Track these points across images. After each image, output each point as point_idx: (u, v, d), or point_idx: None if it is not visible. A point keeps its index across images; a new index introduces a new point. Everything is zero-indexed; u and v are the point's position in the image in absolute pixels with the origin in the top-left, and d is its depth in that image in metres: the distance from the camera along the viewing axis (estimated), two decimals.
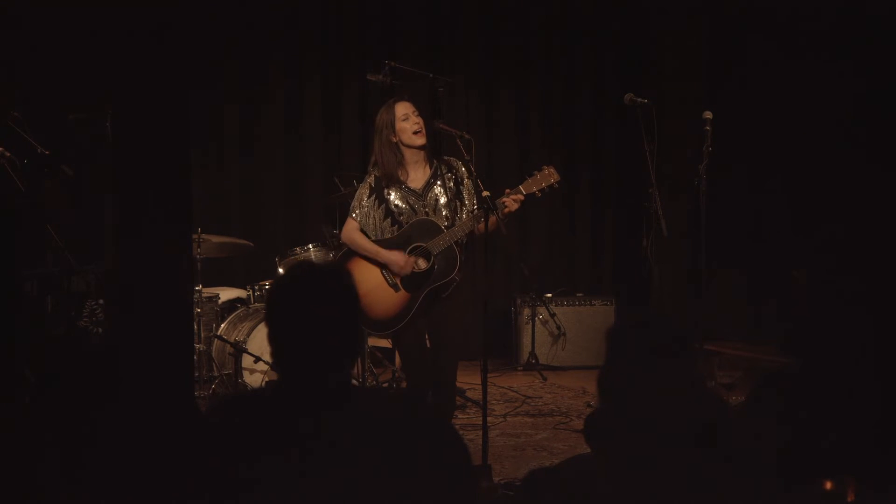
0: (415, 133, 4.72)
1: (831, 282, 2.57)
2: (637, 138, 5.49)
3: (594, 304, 7.25)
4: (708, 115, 5.50)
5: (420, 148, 4.76)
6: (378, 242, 4.75)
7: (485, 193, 4.55)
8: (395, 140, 4.75)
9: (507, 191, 4.67)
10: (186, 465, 2.16)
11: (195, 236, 5.86)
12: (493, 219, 4.50)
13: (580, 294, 7.34)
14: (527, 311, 7.15)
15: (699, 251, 5.72)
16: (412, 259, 4.70)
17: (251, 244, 6.52)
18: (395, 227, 4.77)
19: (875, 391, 2.38)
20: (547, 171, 4.77)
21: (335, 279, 2.21)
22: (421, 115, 4.77)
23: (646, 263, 5.59)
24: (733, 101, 7.21)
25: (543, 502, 2.17)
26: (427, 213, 4.76)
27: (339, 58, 7.49)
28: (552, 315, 7.12)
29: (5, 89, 5.87)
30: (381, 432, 2.08)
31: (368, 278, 4.69)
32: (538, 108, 7.83)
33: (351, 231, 4.82)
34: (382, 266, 4.74)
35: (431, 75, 5.24)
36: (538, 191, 4.75)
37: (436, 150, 4.95)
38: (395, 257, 4.70)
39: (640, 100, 5.49)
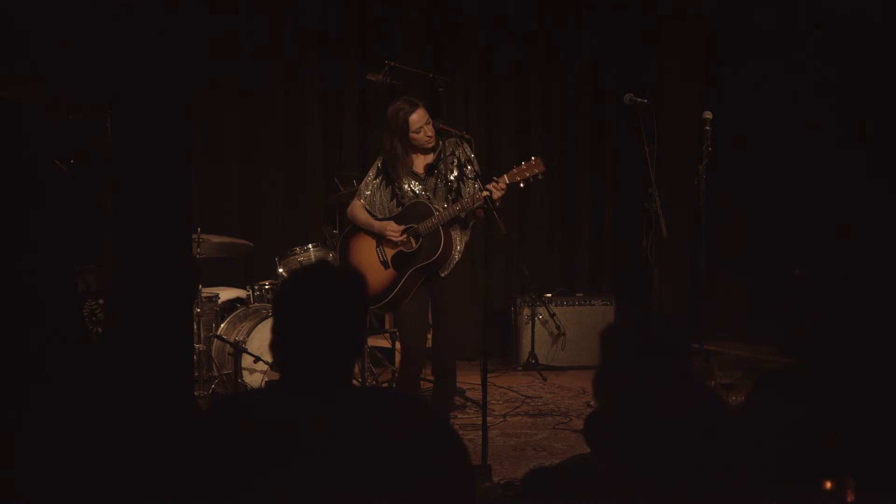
0: (427, 141, 4.90)
1: (831, 281, 2.58)
2: (637, 138, 5.49)
3: (594, 304, 7.24)
4: (708, 115, 5.51)
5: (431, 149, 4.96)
6: (377, 220, 5.01)
7: (484, 193, 4.61)
8: (406, 142, 4.91)
9: (494, 179, 4.77)
10: (186, 465, 2.16)
11: (195, 236, 5.86)
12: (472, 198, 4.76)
13: (580, 294, 7.34)
14: (527, 311, 7.15)
15: (699, 251, 5.72)
16: (402, 227, 4.92)
17: (251, 244, 6.52)
18: (400, 208, 5.01)
19: (875, 391, 2.38)
20: (534, 161, 4.87)
21: (348, 279, 2.22)
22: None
23: (646, 263, 5.59)
24: (733, 101, 7.21)
25: (543, 502, 2.17)
26: (428, 197, 4.93)
27: (339, 58, 7.49)
28: (552, 315, 7.12)
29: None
30: (380, 432, 2.08)
31: (364, 256, 5.02)
32: (538, 108, 7.82)
33: (353, 207, 5.10)
34: (377, 243, 4.98)
35: (431, 75, 5.26)
36: (521, 181, 4.82)
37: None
38: (383, 225, 4.95)
39: (640, 100, 5.49)
